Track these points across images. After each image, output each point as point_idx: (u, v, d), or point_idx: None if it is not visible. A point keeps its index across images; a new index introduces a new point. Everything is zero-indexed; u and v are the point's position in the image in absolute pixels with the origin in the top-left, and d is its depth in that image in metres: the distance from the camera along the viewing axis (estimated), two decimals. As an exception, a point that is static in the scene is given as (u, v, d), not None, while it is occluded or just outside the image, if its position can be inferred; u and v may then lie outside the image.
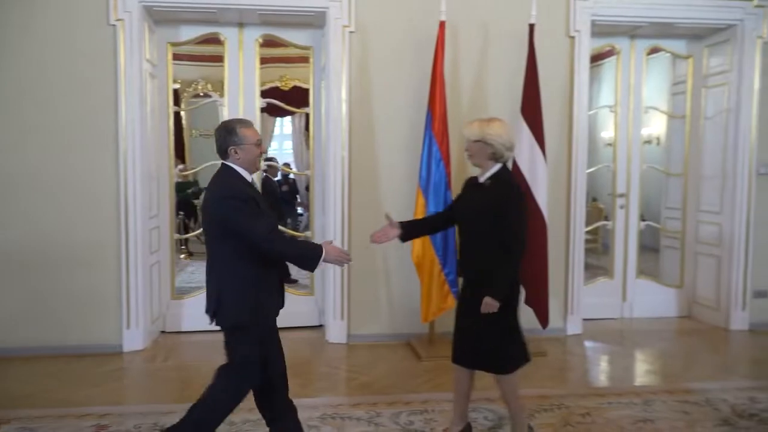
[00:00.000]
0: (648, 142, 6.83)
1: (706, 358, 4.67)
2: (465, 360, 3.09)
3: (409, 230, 3.16)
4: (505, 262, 2.88)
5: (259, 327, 2.81)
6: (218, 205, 2.66)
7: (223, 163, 2.80)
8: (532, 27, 4.69)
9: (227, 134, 2.76)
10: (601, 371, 4.45)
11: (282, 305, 2.89)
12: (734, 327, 5.40)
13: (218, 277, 2.75)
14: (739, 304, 5.41)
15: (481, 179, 3.02)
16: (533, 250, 4.61)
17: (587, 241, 5.69)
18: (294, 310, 5.29)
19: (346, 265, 2.94)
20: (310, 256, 2.72)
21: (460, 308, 3.13)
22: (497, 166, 2.99)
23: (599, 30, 5.26)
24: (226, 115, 5.21)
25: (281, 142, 11.29)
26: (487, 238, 2.91)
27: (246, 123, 2.82)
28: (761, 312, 5.44)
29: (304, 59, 5.39)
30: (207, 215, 2.74)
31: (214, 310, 2.77)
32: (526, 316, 4.82)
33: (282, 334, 4.69)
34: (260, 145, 2.82)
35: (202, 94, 9.15)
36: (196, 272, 7.40)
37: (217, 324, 2.81)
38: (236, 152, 2.75)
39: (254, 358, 2.81)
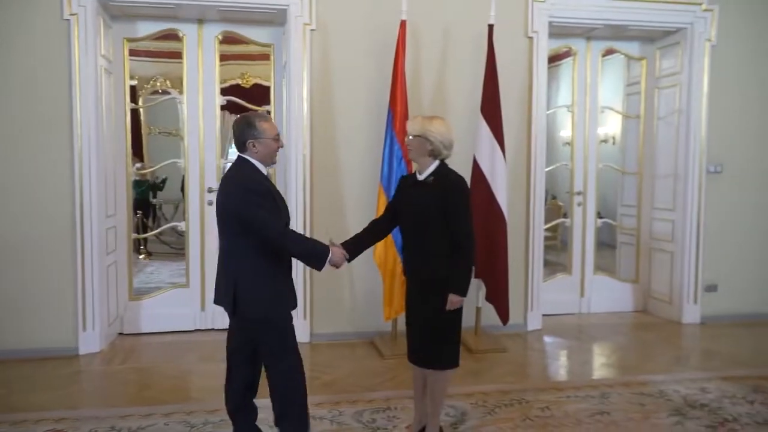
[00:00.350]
0: (604, 141, 7.01)
1: (660, 351, 4.83)
2: (418, 359, 3.12)
3: (355, 248, 3.07)
4: (461, 257, 2.90)
5: (286, 318, 2.82)
6: (235, 199, 2.67)
7: (239, 156, 2.81)
8: (491, 27, 4.77)
9: (247, 127, 2.78)
10: (561, 366, 4.56)
11: (296, 303, 2.89)
12: (687, 320, 5.60)
13: (234, 271, 2.73)
14: (691, 298, 5.61)
15: (421, 177, 3.01)
16: (493, 247, 4.71)
17: (546, 238, 5.81)
18: (256, 309, 5.27)
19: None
20: (319, 255, 2.77)
21: (410, 309, 3.12)
22: (436, 163, 3.00)
23: (557, 31, 5.38)
24: (185, 112, 5.15)
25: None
26: (436, 236, 2.90)
27: (265, 117, 2.85)
28: (712, 305, 5.65)
29: (265, 57, 5.36)
30: (223, 208, 2.73)
31: (232, 305, 2.75)
32: (486, 312, 4.94)
33: (243, 334, 4.61)
34: (278, 139, 2.84)
35: (160, 90, 8.99)
36: (156, 272, 7.28)
37: (238, 317, 2.80)
38: (254, 146, 2.77)
39: (291, 343, 2.82)
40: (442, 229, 2.90)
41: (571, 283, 5.93)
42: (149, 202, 8.74)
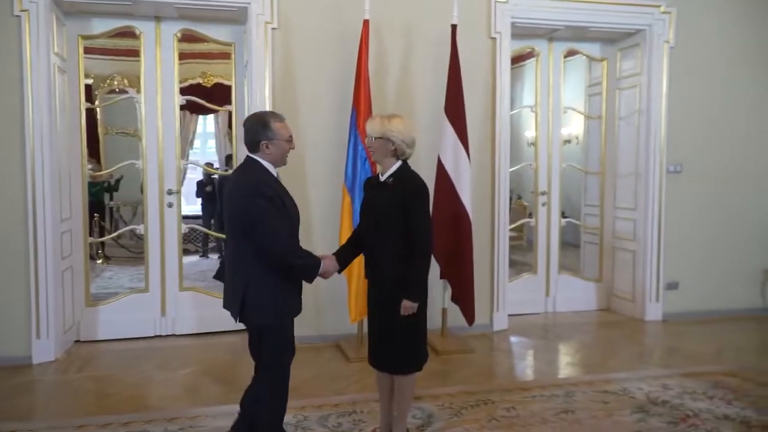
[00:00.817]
0: (568, 141, 7.12)
1: (623, 348, 4.92)
2: (379, 362, 3.11)
3: (343, 260, 3.07)
4: (416, 261, 2.88)
5: (286, 326, 2.81)
6: (243, 204, 2.63)
7: (248, 156, 2.78)
8: (454, 28, 4.79)
9: (261, 127, 2.74)
10: (527, 365, 4.60)
11: (300, 309, 2.88)
12: (649, 318, 5.72)
13: (245, 278, 2.69)
14: (653, 295, 5.73)
15: (383, 177, 3.00)
16: (459, 247, 4.73)
17: (512, 238, 5.86)
18: (217, 314, 5.18)
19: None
20: (312, 268, 2.77)
21: (371, 312, 3.10)
22: (398, 164, 2.99)
23: (519, 32, 5.44)
24: (143, 112, 5.05)
25: (204, 141, 11.02)
26: (395, 238, 2.89)
27: (279, 117, 2.81)
28: (673, 303, 5.78)
29: (226, 55, 5.29)
30: (230, 212, 2.69)
31: (239, 309, 2.73)
32: (452, 313, 4.96)
33: (206, 340, 4.58)
34: (291, 140, 2.82)
35: (118, 89, 8.80)
36: (114, 277, 7.12)
37: (242, 322, 2.79)
38: (268, 147, 2.74)
39: (285, 356, 2.83)
40: (401, 231, 2.88)
41: (536, 282, 6.01)
42: (105, 205, 8.55)
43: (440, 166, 4.74)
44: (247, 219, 2.62)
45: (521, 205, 8.15)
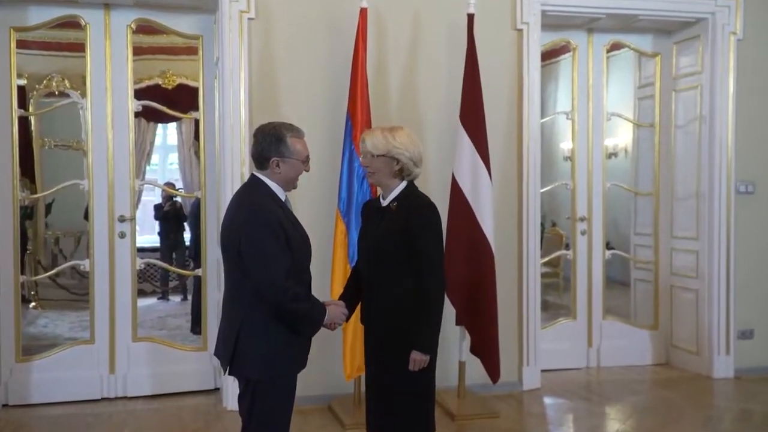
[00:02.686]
0: (613, 155, 7.16)
1: (686, 413, 4.90)
2: (376, 427, 3.11)
3: (350, 305, 3.10)
4: (427, 303, 2.91)
5: (285, 381, 2.84)
6: (239, 230, 2.72)
7: (253, 175, 2.88)
8: (471, 17, 4.87)
9: (274, 141, 2.84)
10: (564, 434, 4.60)
11: (304, 364, 2.95)
12: (717, 374, 5.70)
13: (238, 317, 2.76)
14: (722, 347, 5.73)
15: (385, 202, 3.04)
16: (479, 286, 4.75)
17: (545, 274, 5.88)
18: (181, 369, 5.20)
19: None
20: (315, 319, 2.83)
21: (369, 366, 3.11)
22: (403, 184, 3.03)
23: (552, 22, 5.55)
24: (89, 120, 5.12)
25: (164, 156, 11.09)
26: (397, 276, 2.93)
27: (297, 132, 2.90)
28: (747, 356, 5.77)
29: (192, 51, 5.38)
30: (225, 239, 2.80)
31: (230, 357, 2.78)
32: (471, 367, 4.96)
33: (166, 403, 4.60)
34: (308, 162, 2.91)
35: (57, 92, 8.87)
36: (51, 325, 7.11)
37: (232, 374, 2.85)
38: (278, 165, 2.83)
39: (281, 421, 2.86)
40: (405, 267, 2.91)
41: (575, 330, 6.01)
42: (38, 234, 8.57)
43: (455, 187, 4.79)
44: (241, 251, 2.71)
45: (556, 233, 8.16)
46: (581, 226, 6.02)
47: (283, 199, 2.89)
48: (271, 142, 2.84)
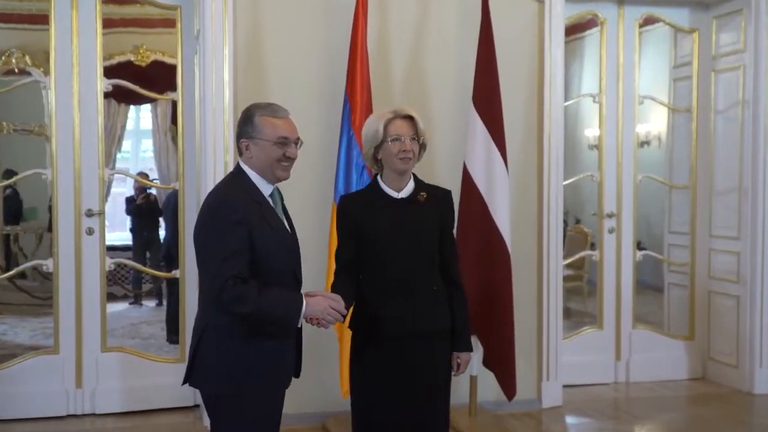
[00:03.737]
0: (645, 143, 7.19)
1: (724, 434, 4.92)
2: None
3: (349, 298, 3.04)
4: (464, 299, 3.17)
5: (256, 396, 2.76)
6: (198, 225, 2.76)
7: (237, 163, 2.89)
8: (486, -14, 4.88)
9: (243, 121, 2.85)
10: (588, 457, 4.61)
11: (293, 370, 2.92)
12: (759, 390, 5.70)
13: (201, 323, 2.77)
14: (765, 359, 5.74)
15: (402, 193, 3.10)
16: (492, 291, 4.75)
17: (568, 278, 5.90)
18: (155, 383, 5.20)
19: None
20: (282, 316, 2.72)
21: (394, 380, 3.06)
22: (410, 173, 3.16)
23: (577, -9, 5.54)
24: (53, 101, 5.11)
25: (137, 142, 11.10)
26: (436, 273, 3.11)
27: (273, 111, 2.86)
28: (794, 370, 5.78)
29: (170, 23, 5.38)
30: (194, 236, 2.82)
31: (188, 369, 2.78)
32: (484, 382, 4.96)
33: (139, 421, 4.61)
34: (286, 144, 2.81)
35: (17, 70, 8.89)
36: (10, 333, 7.14)
37: (192, 386, 2.84)
38: (248, 148, 2.81)
39: None
40: (436, 263, 3.10)
41: (602, 340, 6.00)
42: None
43: (467, 178, 4.79)
44: (197, 248, 2.75)
45: (580, 231, 8.19)
46: (609, 223, 6.01)
47: (268, 193, 2.86)
48: (241, 123, 2.86)
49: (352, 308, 3.14)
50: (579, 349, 5.87)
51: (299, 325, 2.77)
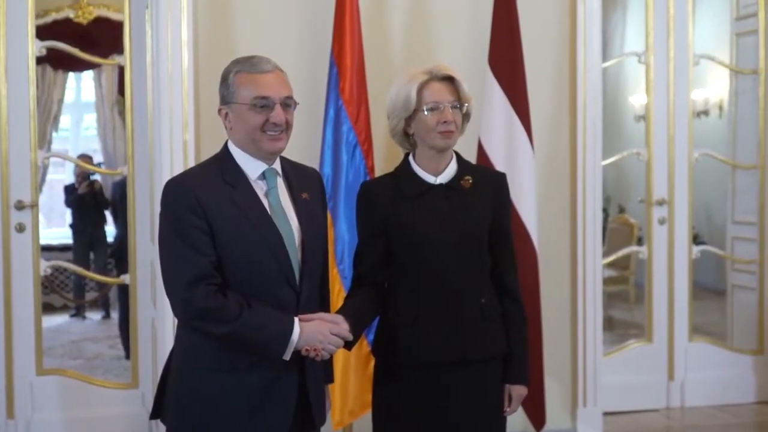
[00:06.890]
0: (703, 113, 7.19)
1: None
2: None
3: (358, 319, 2.91)
4: (522, 317, 3.10)
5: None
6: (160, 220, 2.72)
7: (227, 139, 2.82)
8: None
9: (220, 82, 2.78)
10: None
11: (290, 417, 2.75)
12: None
13: (174, 348, 2.79)
14: None
15: (442, 178, 2.99)
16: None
17: (609, 280, 5.90)
18: (102, 414, 5.21)
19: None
20: (274, 339, 2.59)
21: (439, 420, 2.98)
22: (452, 152, 3.06)
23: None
24: (-26, 69, 5.13)
25: (78, 118, 11.10)
26: (484, 280, 3.02)
27: (252, 66, 2.72)
28: None
29: (116, -29, 5.38)
30: None
31: (156, 401, 2.81)
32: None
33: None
34: (267, 106, 2.66)
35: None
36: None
37: (156, 418, 2.86)
38: (227, 117, 2.72)
39: None
40: (486, 268, 3.03)
41: (651, 356, 6.01)
42: None
43: (482, 157, 4.80)
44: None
45: (625, 223, 8.19)
46: (659, 212, 6.01)
47: (257, 173, 2.72)
48: (220, 85, 2.78)
49: (376, 326, 3.11)
50: (623, 367, 5.88)
51: (287, 357, 2.60)
